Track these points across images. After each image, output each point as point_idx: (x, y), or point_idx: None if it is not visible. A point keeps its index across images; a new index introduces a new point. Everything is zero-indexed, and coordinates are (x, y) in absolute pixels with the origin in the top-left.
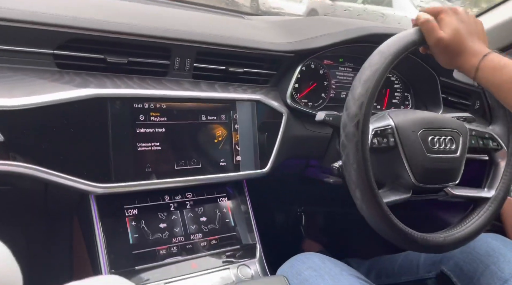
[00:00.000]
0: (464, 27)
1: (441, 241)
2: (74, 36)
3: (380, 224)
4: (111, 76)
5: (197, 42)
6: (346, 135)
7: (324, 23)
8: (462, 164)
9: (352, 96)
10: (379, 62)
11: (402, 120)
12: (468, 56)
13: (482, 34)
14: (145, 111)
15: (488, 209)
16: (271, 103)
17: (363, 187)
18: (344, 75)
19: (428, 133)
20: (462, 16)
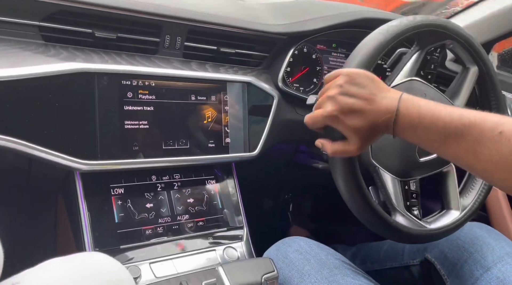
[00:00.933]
0: (346, 101)
1: (424, 233)
2: (61, 8)
3: (364, 215)
4: (99, 52)
5: (189, 20)
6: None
7: (319, 6)
8: None
9: None
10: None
11: None
12: (377, 124)
13: (379, 83)
14: (133, 88)
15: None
16: (262, 85)
17: (346, 175)
18: (337, 61)
19: None
20: (334, 92)
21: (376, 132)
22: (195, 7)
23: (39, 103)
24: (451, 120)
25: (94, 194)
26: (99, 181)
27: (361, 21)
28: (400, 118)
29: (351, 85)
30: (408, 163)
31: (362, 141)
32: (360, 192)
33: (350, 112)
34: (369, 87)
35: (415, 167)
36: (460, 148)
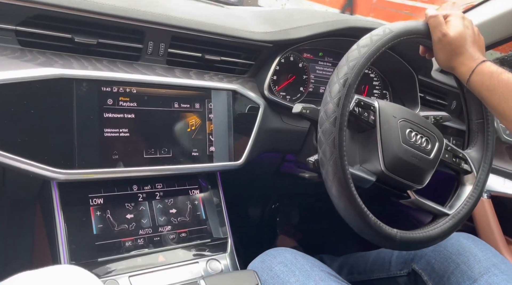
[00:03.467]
0: (468, 33)
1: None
2: (39, 12)
3: (355, 221)
4: (79, 57)
5: (173, 26)
6: (323, 132)
7: (305, 15)
8: (431, 169)
9: (329, 92)
10: (362, 53)
11: (386, 104)
12: (466, 59)
13: (482, 46)
14: (113, 95)
15: (447, 222)
16: (248, 94)
17: (339, 184)
18: (324, 70)
19: (408, 125)
20: (468, 23)
21: (462, 53)
22: (180, 13)
23: (12, 110)
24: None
25: (72, 204)
26: (77, 191)
27: (346, 30)
28: (488, 63)
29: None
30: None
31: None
32: (352, 198)
33: (464, 33)
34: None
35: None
36: None
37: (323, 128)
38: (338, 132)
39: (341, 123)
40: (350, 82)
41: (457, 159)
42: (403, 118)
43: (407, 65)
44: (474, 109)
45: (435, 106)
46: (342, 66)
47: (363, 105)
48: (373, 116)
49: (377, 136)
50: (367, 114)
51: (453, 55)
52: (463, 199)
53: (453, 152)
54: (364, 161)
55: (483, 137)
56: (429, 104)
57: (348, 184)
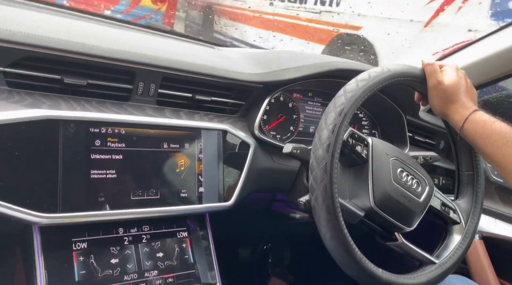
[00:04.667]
0: (462, 83)
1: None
2: (28, 53)
3: (340, 254)
4: (67, 98)
5: (163, 67)
6: (314, 178)
7: (294, 56)
8: (420, 213)
9: (324, 120)
10: (353, 92)
11: (379, 141)
12: (460, 107)
13: (475, 97)
14: (101, 136)
15: (434, 271)
16: (238, 133)
17: (327, 212)
18: (313, 110)
19: (399, 164)
20: (461, 74)
21: (456, 101)
22: (170, 54)
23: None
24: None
25: (53, 249)
26: (60, 235)
27: (334, 71)
28: (480, 112)
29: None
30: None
31: (440, 96)
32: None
33: (458, 83)
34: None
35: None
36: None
37: (316, 154)
38: (331, 159)
39: (334, 150)
40: (346, 111)
41: (446, 207)
42: (395, 157)
43: (395, 106)
44: (464, 160)
45: (423, 146)
46: (339, 96)
47: (357, 138)
48: (366, 150)
49: (369, 171)
50: (360, 148)
51: (447, 103)
52: (451, 249)
53: (442, 199)
54: (354, 196)
55: (473, 189)
56: (417, 144)
57: (336, 213)
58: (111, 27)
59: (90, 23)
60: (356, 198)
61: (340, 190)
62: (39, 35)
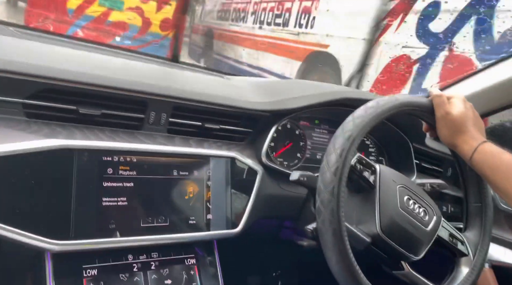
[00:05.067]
0: (469, 114)
1: None
2: (47, 86)
3: (345, 278)
4: (82, 128)
5: (174, 97)
6: (322, 202)
7: (301, 85)
8: (427, 242)
9: (333, 145)
10: (361, 118)
11: (386, 168)
12: (469, 138)
13: (482, 128)
14: (114, 164)
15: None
16: (246, 160)
17: (333, 235)
18: (320, 137)
19: (406, 192)
20: (469, 106)
21: (464, 132)
22: (181, 84)
23: (13, 181)
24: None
25: (64, 276)
26: (71, 261)
27: (340, 101)
28: (489, 143)
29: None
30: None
31: (449, 125)
32: (352, 268)
33: (466, 114)
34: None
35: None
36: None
37: (323, 177)
38: (338, 182)
39: (342, 174)
40: (354, 136)
41: (454, 239)
42: (402, 184)
43: (401, 133)
44: (472, 192)
45: (431, 173)
46: (348, 122)
47: (365, 164)
48: (373, 177)
49: (376, 197)
50: (367, 174)
51: (456, 133)
52: (458, 281)
53: (450, 230)
54: (360, 222)
55: (481, 222)
56: (425, 171)
57: (342, 237)
58: (123, 57)
59: (103, 54)
60: (362, 224)
61: (347, 215)
62: (58, 68)
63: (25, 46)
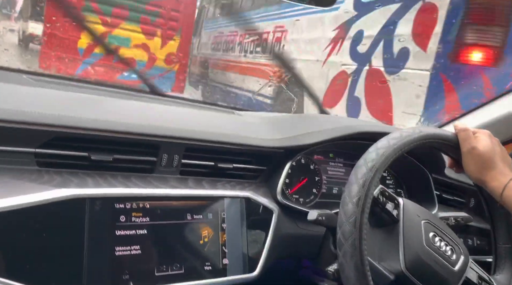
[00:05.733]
0: (497, 149)
1: None
2: (58, 134)
3: None
4: (94, 175)
5: (187, 139)
6: (343, 234)
7: (314, 120)
8: (455, 283)
9: (348, 193)
10: (382, 151)
11: (409, 202)
12: (498, 174)
13: (510, 164)
14: (126, 211)
15: None
16: (260, 200)
17: (356, 269)
18: (335, 171)
19: (432, 228)
20: (495, 141)
21: (492, 168)
22: (193, 124)
23: (25, 235)
24: None
25: None
26: None
27: (356, 135)
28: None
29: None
30: None
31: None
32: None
33: (493, 149)
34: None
35: None
36: None
37: (345, 208)
38: (361, 213)
39: (364, 205)
40: (377, 167)
41: (483, 281)
42: (427, 219)
43: (420, 164)
44: (501, 232)
45: (452, 204)
46: (370, 152)
47: (387, 196)
48: (396, 210)
49: (400, 233)
50: (390, 207)
51: (484, 169)
52: None
53: (479, 272)
54: (383, 258)
55: (511, 263)
56: (446, 202)
57: (365, 271)
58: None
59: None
60: (385, 260)
61: (368, 250)
62: (69, 116)
63: (37, 94)
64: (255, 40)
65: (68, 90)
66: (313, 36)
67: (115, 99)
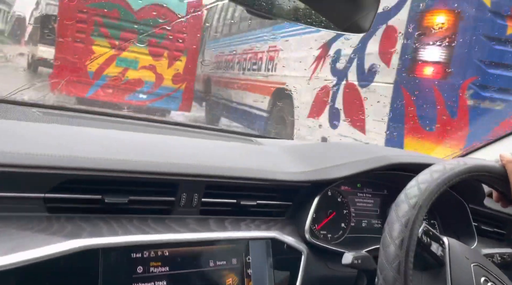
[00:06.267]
0: None
1: None
2: (70, 177)
3: None
4: (108, 219)
5: (207, 176)
6: (385, 280)
7: (340, 149)
8: None
9: (389, 233)
10: (426, 186)
11: (456, 242)
12: None
13: None
14: (144, 261)
15: None
16: (288, 240)
17: None
18: (364, 202)
19: (482, 272)
20: None
21: None
22: (212, 159)
23: None
24: None
25: None
26: None
27: (390, 166)
28: None
29: None
30: None
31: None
32: None
33: None
34: None
35: None
36: None
37: (386, 251)
38: (405, 257)
39: (409, 247)
40: (420, 204)
41: None
42: (477, 262)
43: (456, 195)
44: None
45: (492, 236)
46: (412, 187)
47: (432, 236)
48: (441, 251)
49: (447, 277)
50: (435, 248)
51: None
52: None
53: None
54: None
55: None
56: (484, 234)
57: None
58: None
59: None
60: None
61: None
62: (81, 157)
63: (45, 131)
64: (252, 59)
65: (76, 123)
66: (301, 55)
67: (126, 132)
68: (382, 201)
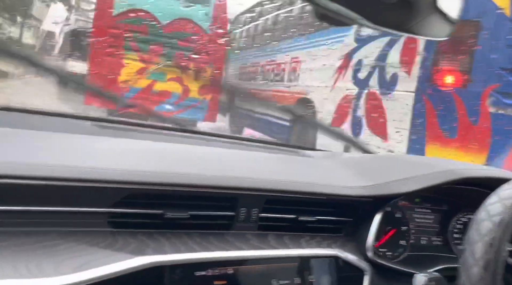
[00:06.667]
0: None
1: None
2: (132, 192)
3: None
4: (169, 236)
5: (267, 190)
6: (469, 278)
7: (401, 162)
8: None
9: (471, 253)
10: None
11: None
12: None
13: None
14: (208, 279)
15: None
16: (350, 258)
17: None
18: (423, 218)
19: None
20: None
21: None
22: (270, 173)
23: None
24: None
25: None
26: None
27: (460, 180)
28: None
29: None
30: None
31: None
32: None
33: None
34: None
35: None
36: None
37: (470, 273)
38: (492, 280)
39: (496, 270)
40: (506, 221)
41: None
42: None
43: None
44: None
45: None
46: (493, 204)
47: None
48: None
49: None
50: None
51: None
52: None
53: None
54: None
55: None
56: None
57: None
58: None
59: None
60: None
61: None
62: (143, 171)
63: (104, 146)
64: (274, 70)
65: (121, 135)
66: (323, 65)
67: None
68: (443, 216)
